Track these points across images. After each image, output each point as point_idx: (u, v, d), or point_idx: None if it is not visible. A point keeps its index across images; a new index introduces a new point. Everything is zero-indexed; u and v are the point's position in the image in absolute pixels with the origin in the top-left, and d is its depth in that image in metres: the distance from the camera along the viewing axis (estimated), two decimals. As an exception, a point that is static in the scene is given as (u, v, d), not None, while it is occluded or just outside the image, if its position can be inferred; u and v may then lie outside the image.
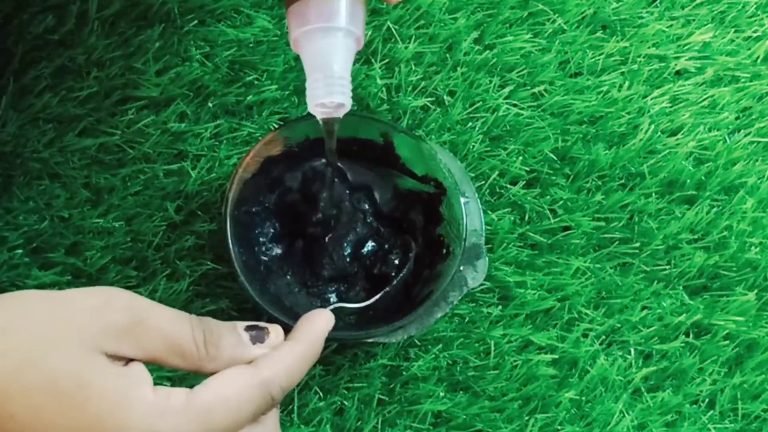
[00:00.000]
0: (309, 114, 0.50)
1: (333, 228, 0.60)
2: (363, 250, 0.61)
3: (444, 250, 0.59)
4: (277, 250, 0.60)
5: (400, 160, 0.60)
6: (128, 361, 0.36)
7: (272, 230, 0.60)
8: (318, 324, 0.42)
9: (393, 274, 0.60)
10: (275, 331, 0.41)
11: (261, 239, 0.60)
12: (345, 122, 0.60)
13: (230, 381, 0.36)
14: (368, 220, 0.61)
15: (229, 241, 0.55)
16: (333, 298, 0.60)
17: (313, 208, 0.60)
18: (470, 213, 0.59)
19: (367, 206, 0.61)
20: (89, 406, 0.33)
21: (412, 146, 0.59)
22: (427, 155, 0.59)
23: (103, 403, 0.33)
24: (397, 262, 0.60)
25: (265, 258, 0.59)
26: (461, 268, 0.58)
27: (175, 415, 0.34)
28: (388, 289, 0.60)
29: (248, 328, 0.40)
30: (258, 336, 0.40)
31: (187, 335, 0.37)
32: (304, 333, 0.41)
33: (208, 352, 0.37)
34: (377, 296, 0.60)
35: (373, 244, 0.61)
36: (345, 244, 0.61)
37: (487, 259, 0.59)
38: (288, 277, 0.59)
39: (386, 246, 0.61)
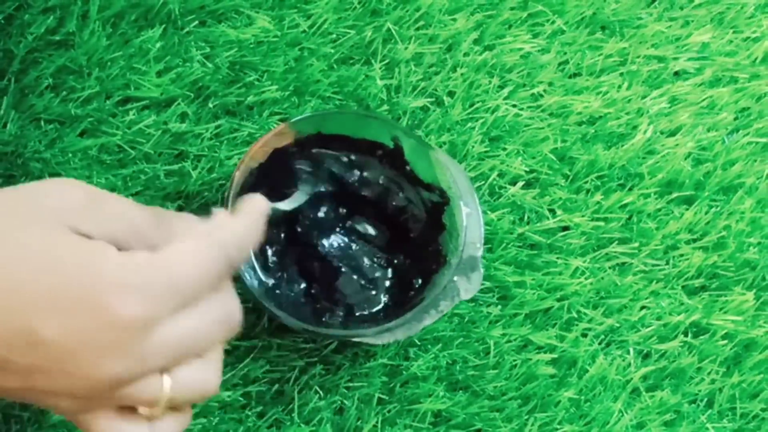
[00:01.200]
0: (319, 112, 0.49)
1: (327, 230, 0.61)
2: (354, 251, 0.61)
3: (441, 259, 0.59)
4: (277, 249, 0.60)
5: (408, 165, 0.60)
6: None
7: (274, 231, 0.60)
8: (258, 202, 0.44)
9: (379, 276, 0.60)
10: (221, 212, 0.43)
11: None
12: (356, 122, 0.60)
13: (188, 241, 0.38)
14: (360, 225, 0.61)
15: None
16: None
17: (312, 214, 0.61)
18: (470, 225, 0.59)
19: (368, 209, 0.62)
20: (61, 268, 0.35)
21: (421, 153, 0.59)
22: (434, 163, 0.59)
23: (74, 262, 0.36)
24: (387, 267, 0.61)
25: (266, 257, 0.60)
26: (455, 278, 0.58)
27: (142, 269, 0.36)
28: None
29: (194, 212, 0.42)
30: (206, 218, 0.42)
31: (144, 215, 0.39)
32: (247, 208, 0.43)
33: (162, 232, 0.39)
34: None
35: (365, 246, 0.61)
36: (337, 244, 0.61)
37: (482, 272, 0.59)
38: (286, 274, 0.60)
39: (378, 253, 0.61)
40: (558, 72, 0.68)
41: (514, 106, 0.66)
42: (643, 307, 0.64)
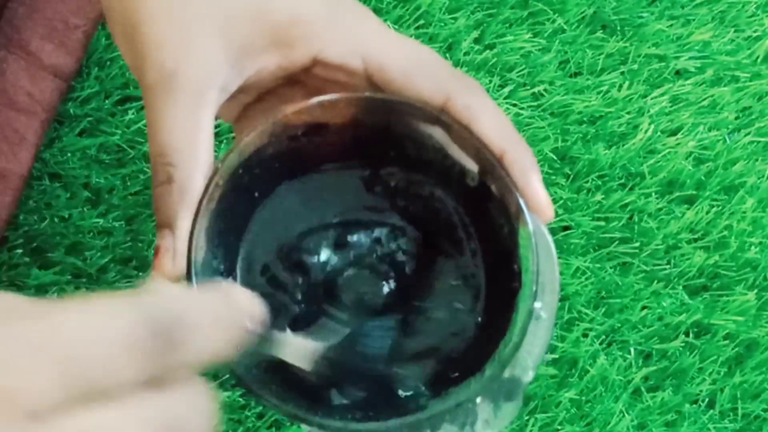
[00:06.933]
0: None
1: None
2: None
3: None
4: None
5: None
6: None
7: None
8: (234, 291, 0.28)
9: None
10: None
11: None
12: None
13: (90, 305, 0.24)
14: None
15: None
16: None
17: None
18: (535, 334, 0.40)
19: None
20: None
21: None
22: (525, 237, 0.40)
23: None
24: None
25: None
26: (477, 399, 0.39)
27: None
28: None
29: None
30: None
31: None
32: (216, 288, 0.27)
33: None
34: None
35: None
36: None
37: (520, 404, 0.40)
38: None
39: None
40: (559, 71, 0.67)
41: (515, 105, 0.66)
42: (644, 307, 0.64)
